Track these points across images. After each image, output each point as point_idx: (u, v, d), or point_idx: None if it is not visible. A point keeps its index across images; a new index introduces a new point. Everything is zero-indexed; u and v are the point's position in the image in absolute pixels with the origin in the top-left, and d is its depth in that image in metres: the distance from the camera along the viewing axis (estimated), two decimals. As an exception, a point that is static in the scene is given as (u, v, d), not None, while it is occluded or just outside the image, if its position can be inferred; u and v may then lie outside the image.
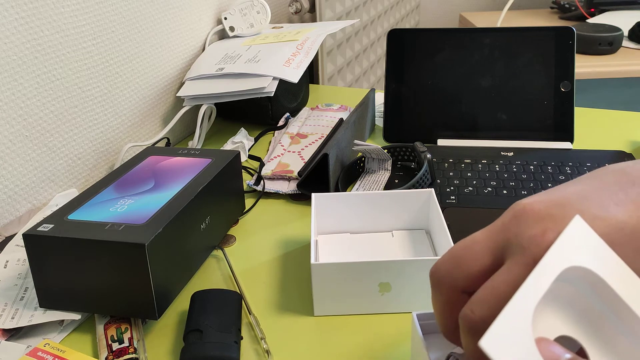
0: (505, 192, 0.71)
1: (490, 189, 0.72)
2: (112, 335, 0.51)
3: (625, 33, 1.53)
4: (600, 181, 0.33)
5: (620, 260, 0.30)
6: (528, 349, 0.27)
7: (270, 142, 0.91)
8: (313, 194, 0.62)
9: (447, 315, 0.34)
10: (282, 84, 0.89)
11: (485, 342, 0.26)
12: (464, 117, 0.85)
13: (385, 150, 0.78)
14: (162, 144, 0.90)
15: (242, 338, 0.52)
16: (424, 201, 0.63)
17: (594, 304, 0.31)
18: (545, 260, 0.29)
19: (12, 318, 0.53)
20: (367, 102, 0.88)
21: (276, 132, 0.93)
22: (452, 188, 0.73)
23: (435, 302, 0.35)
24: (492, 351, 0.26)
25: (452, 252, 0.34)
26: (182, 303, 0.58)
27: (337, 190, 0.73)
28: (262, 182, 0.77)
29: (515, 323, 0.27)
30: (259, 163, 0.84)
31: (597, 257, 0.30)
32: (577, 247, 0.30)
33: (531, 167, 0.76)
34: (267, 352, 0.50)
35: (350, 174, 0.77)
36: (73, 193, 0.72)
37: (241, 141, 0.88)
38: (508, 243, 0.32)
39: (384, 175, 0.77)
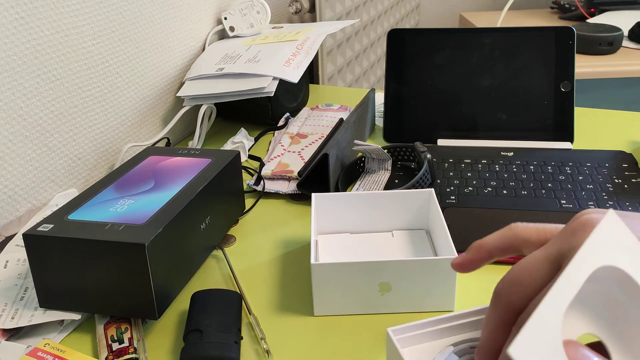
0: (505, 192, 0.71)
1: (490, 189, 0.72)
2: (112, 335, 0.51)
3: (625, 33, 1.53)
4: None
5: None
6: (557, 356, 0.26)
7: (270, 142, 0.91)
8: (313, 194, 0.62)
9: (499, 335, 0.33)
10: (282, 84, 0.89)
11: (514, 351, 0.26)
12: (464, 117, 0.85)
13: (385, 150, 0.78)
14: (162, 144, 0.90)
15: (242, 338, 0.52)
16: (424, 201, 0.63)
17: (622, 303, 0.30)
18: (576, 261, 0.28)
19: (12, 318, 0.53)
20: (367, 102, 0.88)
21: (276, 132, 0.93)
22: (452, 188, 0.73)
23: (490, 321, 0.34)
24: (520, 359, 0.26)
25: (511, 270, 0.34)
26: (182, 303, 0.58)
27: (337, 190, 0.73)
28: (262, 182, 0.77)
29: (544, 330, 0.27)
30: (259, 163, 0.84)
31: (628, 255, 0.29)
32: (609, 245, 0.29)
33: (531, 167, 0.76)
34: (267, 352, 0.50)
35: (350, 174, 0.77)
36: (73, 193, 0.72)
37: (241, 141, 0.88)
38: (563, 254, 0.31)
39: (384, 175, 0.77)
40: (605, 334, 0.30)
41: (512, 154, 0.80)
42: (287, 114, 0.96)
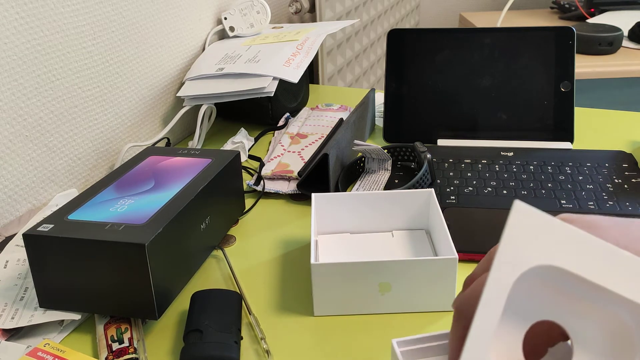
0: (505, 192, 0.71)
1: (490, 189, 0.72)
2: (112, 335, 0.51)
3: (625, 33, 1.53)
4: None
5: (573, 229, 0.28)
6: None
7: (270, 142, 0.91)
8: (313, 194, 0.62)
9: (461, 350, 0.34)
10: (282, 84, 0.89)
11: None
12: (464, 117, 0.85)
13: (385, 150, 0.78)
14: (162, 144, 0.90)
15: (242, 338, 0.52)
16: (424, 201, 0.63)
17: (565, 293, 0.30)
18: (494, 274, 0.27)
19: (12, 318, 0.53)
20: (367, 102, 0.88)
21: (276, 132, 0.93)
22: (452, 188, 0.73)
23: (453, 337, 0.34)
24: None
25: (471, 286, 0.34)
26: (182, 303, 0.58)
27: (337, 190, 0.73)
28: (262, 182, 0.77)
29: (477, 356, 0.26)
30: (259, 163, 0.84)
31: (549, 243, 0.28)
32: (527, 242, 0.28)
33: (531, 167, 0.76)
34: (267, 352, 0.50)
35: (350, 174, 0.77)
36: (73, 193, 0.72)
37: (241, 141, 0.88)
38: None
39: (384, 175, 0.77)
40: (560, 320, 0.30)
41: (512, 154, 0.80)
42: (287, 114, 0.96)
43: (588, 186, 0.72)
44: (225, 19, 0.97)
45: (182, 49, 0.92)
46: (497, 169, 0.77)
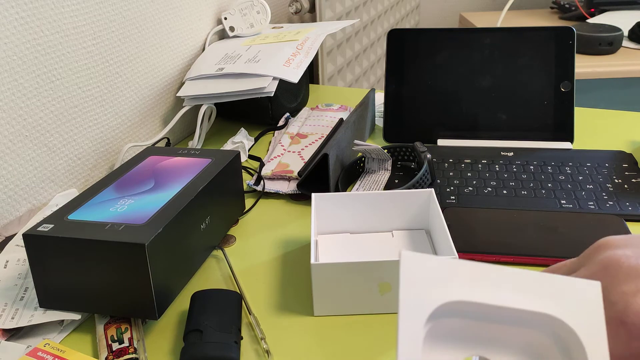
0: (505, 192, 0.71)
1: (490, 189, 0.72)
2: (112, 335, 0.51)
3: (625, 33, 1.53)
4: None
5: (462, 262, 0.29)
6: None
7: (270, 142, 0.91)
8: (313, 194, 0.62)
9: None
10: (282, 84, 0.89)
11: None
12: (464, 117, 0.85)
13: (385, 150, 0.78)
14: (162, 144, 0.90)
15: (242, 338, 0.52)
16: (424, 201, 0.63)
17: (476, 317, 0.30)
18: (403, 323, 0.27)
19: (12, 318, 0.53)
20: (367, 102, 0.88)
21: (276, 132, 0.93)
22: (452, 188, 0.73)
23: None
24: None
25: None
26: (182, 303, 0.58)
27: (337, 190, 0.73)
28: (262, 182, 0.77)
29: None
30: (259, 163, 0.84)
31: (444, 281, 0.29)
32: (424, 286, 0.28)
33: (531, 167, 0.76)
34: (267, 352, 0.50)
35: (350, 174, 0.77)
36: (73, 193, 0.72)
37: (241, 141, 0.88)
38: None
39: (384, 175, 0.77)
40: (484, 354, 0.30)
41: (512, 154, 0.80)
42: (287, 114, 0.96)
43: (588, 186, 0.72)
44: (225, 19, 0.97)
45: (182, 49, 0.92)
46: (497, 169, 0.77)
